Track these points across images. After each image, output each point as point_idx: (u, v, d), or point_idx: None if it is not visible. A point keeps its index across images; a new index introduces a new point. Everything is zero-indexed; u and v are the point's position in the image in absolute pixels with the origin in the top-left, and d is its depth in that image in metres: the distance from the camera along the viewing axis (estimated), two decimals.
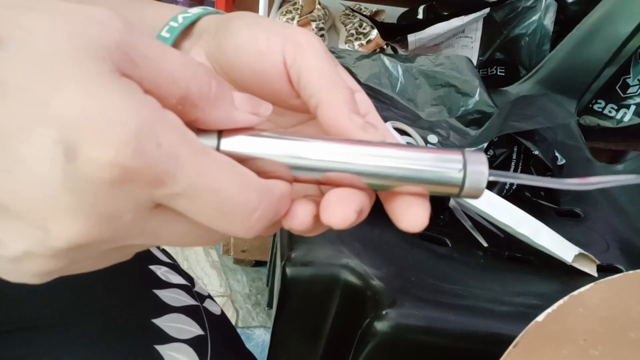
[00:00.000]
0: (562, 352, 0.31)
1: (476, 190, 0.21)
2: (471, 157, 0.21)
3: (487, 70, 1.05)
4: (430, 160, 0.21)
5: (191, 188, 0.18)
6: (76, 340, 0.39)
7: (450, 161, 0.21)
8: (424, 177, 0.21)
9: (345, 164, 0.21)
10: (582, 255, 0.54)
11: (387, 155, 0.21)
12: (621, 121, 1.08)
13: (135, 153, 0.16)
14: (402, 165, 0.21)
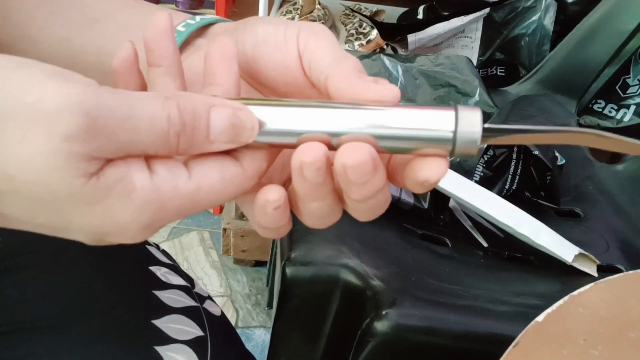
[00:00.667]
0: (562, 352, 0.31)
1: (469, 149, 0.21)
2: (464, 114, 0.21)
3: (487, 70, 1.05)
4: (421, 119, 0.21)
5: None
6: (76, 341, 0.39)
7: (441, 120, 0.21)
8: (414, 137, 0.21)
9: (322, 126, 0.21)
10: (582, 255, 0.54)
11: (375, 116, 0.21)
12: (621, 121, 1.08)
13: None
14: (390, 126, 0.21)
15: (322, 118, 0.21)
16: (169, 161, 0.21)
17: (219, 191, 0.22)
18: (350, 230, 0.55)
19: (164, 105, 0.20)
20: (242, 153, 0.23)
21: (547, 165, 0.63)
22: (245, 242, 1.20)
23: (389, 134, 0.21)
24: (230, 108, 0.21)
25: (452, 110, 0.21)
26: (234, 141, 0.22)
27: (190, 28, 0.29)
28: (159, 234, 1.37)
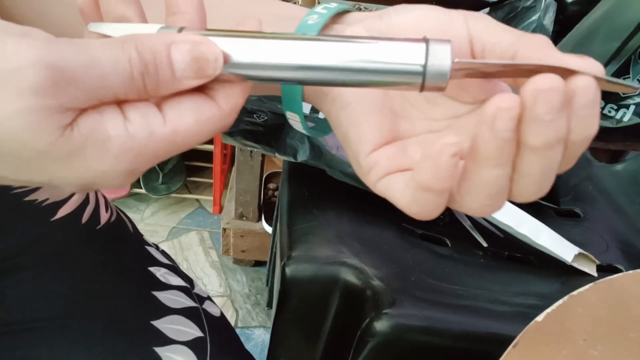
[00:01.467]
0: (562, 352, 0.31)
1: (439, 83, 0.20)
2: (435, 47, 0.20)
3: None
4: (391, 53, 0.20)
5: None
6: (76, 342, 0.39)
7: (411, 53, 0.20)
8: (383, 70, 0.20)
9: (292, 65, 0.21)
10: (581, 255, 0.54)
11: (343, 49, 0.21)
12: (621, 121, 1.08)
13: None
14: (359, 59, 0.20)
15: (290, 50, 0.21)
16: (143, 106, 0.21)
17: (196, 132, 0.22)
18: (350, 230, 0.55)
19: (123, 48, 0.20)
20: (216, 90, 0.22)
21: None
22: (245, 242, 1.20)
23: (357, 67, 0.21)
24: (190, 42, 0.21)
25: (422, 43, 0.20)
26: (200, 75, 0.21)
27: (331, 12, 0.27)
28: (158, 234, 1.37)
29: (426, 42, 0.20)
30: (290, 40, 0.21)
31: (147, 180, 1.39)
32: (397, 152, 0.25)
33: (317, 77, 0.21)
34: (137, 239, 0.48)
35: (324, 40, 0.21)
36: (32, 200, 0.40)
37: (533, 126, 0.20)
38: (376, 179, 0.25)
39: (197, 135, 0.22)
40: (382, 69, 0.21)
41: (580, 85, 0.20)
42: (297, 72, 0.21)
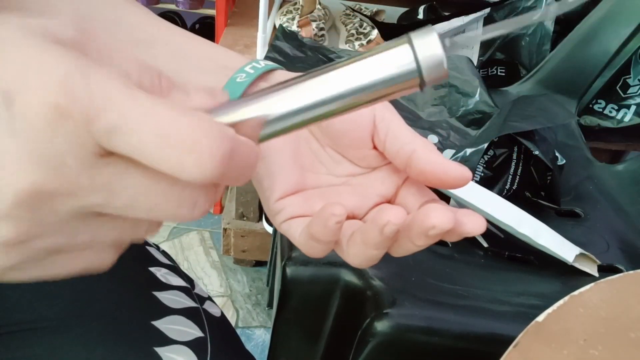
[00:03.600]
0: (562, 352, 0.31)
1: (438, 74, 0.20)
2: (419, 42, 0.20)
3: (488, 70, 1.05)
4: (381, 65, 0.20)
5: (124, 120, 0.17)
6: (76, 342, 0.39)
7: (399, 56, 0.20)
8: (380, 84, 0.20)
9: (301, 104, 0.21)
10: (582, 255, 0.54)
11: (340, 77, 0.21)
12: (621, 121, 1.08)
13: (65, 90, 0.17)
14: (355, 81, 0.20)
15: (291, 97, 0.21)
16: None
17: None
18: None
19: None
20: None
21: (547, 166, 0.63)
22: (246, 242, 1.20)
23: (356, 89, 0.21)
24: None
25: (405, 43, 0.20)
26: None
27: (258, 72, 0.30)
28: (159, 234, 1.37)
29: (409, 40, 0.20)
30: (288, 89, 0.21)
31: None
32: (300, 201, 0.30)
33: (327, 109, 0.21)
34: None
35: (318, 74, 0.21)
36: None
37: (422, 240, 0.27)
38: (280, 221, 0.30)
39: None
40: (381, 83, 0.20)
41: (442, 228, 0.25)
42: (310, 113, 0.21)
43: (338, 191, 0.31)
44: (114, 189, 0.18)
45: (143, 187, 0.18)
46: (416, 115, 0.76)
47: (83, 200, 0.18)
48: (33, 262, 0.19)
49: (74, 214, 0.18)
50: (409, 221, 0.26)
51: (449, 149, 0.69)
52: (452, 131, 0.74)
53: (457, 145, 0.72)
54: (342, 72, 0.21)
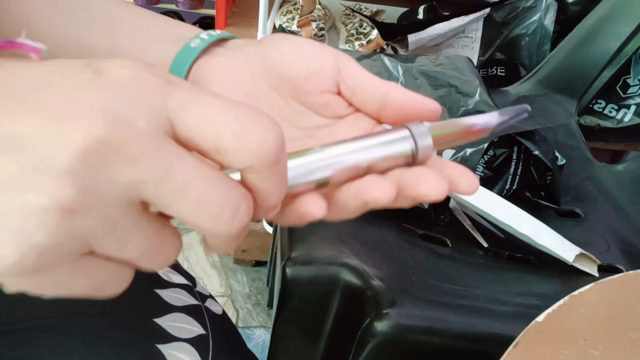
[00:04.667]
0: (562, 352, 0.31)
1: (426, 157, 0.25)
2: (417, 132, 0.25)
3: (488, 70, 1.05)
4: (387, 146, 0.25)
5: (197, 100, 0.19)
6: (78, 339, 0.39)
7: (402, 141, 0.25)
8: (388, 158, 0.25)
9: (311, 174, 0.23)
10: (583, 255, 0.54)
11: (354, 150, 0.24)
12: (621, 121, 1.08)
13: (150, 68, 0.19)
14: (366, 157, 0.24)
15: (307, 168, 0.24)
16: None
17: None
18: (351, 230, 0.55)
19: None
20: None
21: (547, 166, 0.63)
22: (246, 242, 1.20)
23: (367, 164, 0.25)
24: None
25: (407, 133, 0.25)
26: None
27: (212, 38, 0.31)
28: None
29: (410, 131, 0.25)
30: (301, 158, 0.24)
31: None
32: None
33: (334, 178, 0.24)
34: None
35: (339, 148, 0.24)
36: None
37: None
38: None
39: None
40: (388, 157, 0.25)
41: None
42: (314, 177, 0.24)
43: (302, 145, 0.29)
44: (171, 168, 0.18)
45: (197, 173, 0.19)
46: None
47: (141, 172, 0.18)
48: (64, 255, 0.18)
49: (125, 195, 0.18)
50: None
51: (449, 149, 0.69)
52: None
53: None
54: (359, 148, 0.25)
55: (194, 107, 0.19)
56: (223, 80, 0.30)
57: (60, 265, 0.18)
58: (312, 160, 0.23)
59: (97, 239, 0.18)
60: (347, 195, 0.24)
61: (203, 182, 0.19)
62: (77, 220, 0.17)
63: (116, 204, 0.18)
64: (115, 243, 0.18)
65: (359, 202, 0.24)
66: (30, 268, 0.17)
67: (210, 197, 0.19)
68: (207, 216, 0.19)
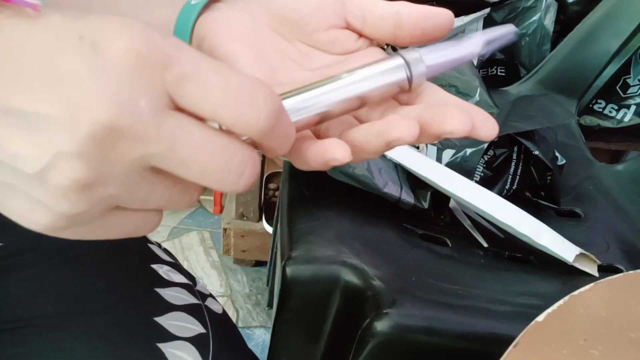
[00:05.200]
0: (562, 352, 0.31)
1: (420, 81, 0.27)
2: (410, 58, 0.26)
3: (488, 70, 1.05)
4: (382, 75, 0.26)
5: (196, 70, 0.20)
6: (79, 338, 0.39)
7: (396, 69, 0.26)
8: (382, 89, 0.26)
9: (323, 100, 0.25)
10: (583, 255, 0.54)
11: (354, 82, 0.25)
12: (621, 121, 1.08)
13: (148, 41, 0.19)
14: (363, 87, 0.25)
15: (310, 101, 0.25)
16: None
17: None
18: (351, 230, 0.55)
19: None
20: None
21: (547, 165, 0.63)
22: (246, 242, 1.20)
23: (364, 93, 0.26)
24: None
25: (400, 60, 0.26)
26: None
27: None
28: (159, 234, 1.37)
29: (403, 58, 0.26)
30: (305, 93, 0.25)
31: None
32: None
33: (339, 111, 0.25)
34: (140, 237, 0.49)
35: (336, 80, 0.25)
36: None
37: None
38: None
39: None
40: (382, 88, 0.26)
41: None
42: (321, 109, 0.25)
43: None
44: (176, 140, 0.19)
45: (201, 144, 0.20)
46: None
47: (147, 147, 0.19)
48: (91, 215, 0.20)
49: (136, 165, 0.20)
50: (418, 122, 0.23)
51: (449, 149, 0.69)
52: None
53: (457, 145, 0.72)
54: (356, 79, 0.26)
55: (190, 83, 0.20)
56: (228, 32, 0.29)
57: (90, 222, 0.21)
58: (312, 95, 0.24)
59: (119, 200, 0.20)
60: (370, 135, 0.24)
61: (207, 152, 0.20)
62: (95, 191, 0.19)
63: (129, 174, 0.20)
64: (137, 201, 0.21)
65: (381, 142, 0.23)
66: (62, 227, 0.20)
67: (214, 165, 0.20)
68: (214, 180, 0.20)
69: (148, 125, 0.19)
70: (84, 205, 0.19)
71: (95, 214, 0.20)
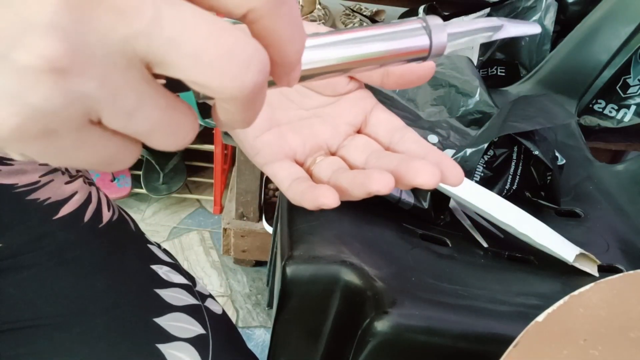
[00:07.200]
0: (562, 352, 0.31)
1: (441, 50, 0.26)
2: (432, 25, 0.25)
3: (488, 70, 1.05)
4: (402, 38, 0.25)
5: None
6: (78, 339, 0.39)
7: (416, 34, 0.25)
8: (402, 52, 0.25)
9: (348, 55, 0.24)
10: (583, 255, 0.54)
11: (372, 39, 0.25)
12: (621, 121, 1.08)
13: None
14: (382, 47, 0.25)
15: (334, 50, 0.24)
16: None
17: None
18: (351, 230, 0.55)
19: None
20: None
21: (547, 166, 0.63)
22: (246, 242, 1.20)
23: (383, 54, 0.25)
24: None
25: (421, 24, 0.26)
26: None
27: None
28: (159, 234, 1.37)
29: (425, 23, 0.25)
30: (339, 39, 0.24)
31: (148, 180, 1.39)
32: (275, 139, 0.32)
33: (355, 66, 0.25)
34: (140, 238, 0.49)
35: (359, 34, 0.25)
36: (35, 199, 0.40)
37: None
38: (262, 163, 0.32)
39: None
40: (400, 54, 0.25)
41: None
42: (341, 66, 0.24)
43: (310, 124, 0.33)
44: (162, 14, 0.16)
45: (192, 20, 0.16)
46: (416, 115, 0.76)
47: (130, 23, 0.16)
48: (67, 120, 0.16)
49: (120, 53, 0.16)
50: (394, 173, 0.27)
51: (449, 149, 0.69)
52: (452, 131, 0.74)
53: (457, 145, 0.72)
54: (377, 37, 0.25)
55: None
56: None
57: (64, 132, 0.17)
58: (334, 40, 0.24)
59: (100, 105, 0.17)
60: (354, 185, 0.27)
61: (200, 32, 0.16)
62: (72, 81, 0.16)
63: (112, 64, 0.16)
64: (121, 112, 0.17)
65: (363, 191, 0.27)
66: (33, 132, 0.16)
67: (211, 48, 0.16)
68: (211, 70, 0.16)
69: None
70: (58, 98, 0.16)
71: (71, 121, 0.16)
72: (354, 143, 0.32)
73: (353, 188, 0.27)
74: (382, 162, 0.29)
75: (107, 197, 0.47)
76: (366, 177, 0.26)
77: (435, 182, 0.26)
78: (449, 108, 0.77)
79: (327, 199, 0.26)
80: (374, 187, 0.26)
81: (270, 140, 0.32)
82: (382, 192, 0.26)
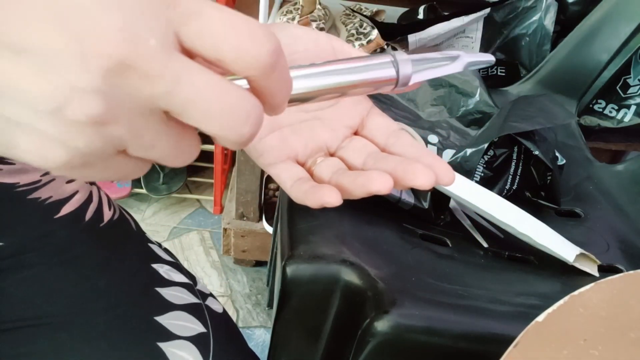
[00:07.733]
0: (562, 352, 0.31)
1: (406, 79, 0.30)
2: (401, 61, 0.29)
3: (488, 70, 1.05)
4: (373, 70, 0.29)
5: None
6: (79, 338, 0.39)
7: (385, 67, 0.29)
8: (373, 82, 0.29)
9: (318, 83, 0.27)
10: (583, 255, 0.54)
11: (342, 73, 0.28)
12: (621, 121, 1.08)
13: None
14: (356, 78, 0.28)
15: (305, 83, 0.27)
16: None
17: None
18: (351, 230, 0.55)
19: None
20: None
21: (547, 166, 0.63)
22: (246, 242, 1.20)
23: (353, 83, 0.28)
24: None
25: (389, 59, 0.29)
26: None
27: None
28: (159, 234, 1.37)
29: (394, 58, 0.29)
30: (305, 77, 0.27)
31: (148, 180, 1.39)
32: (278, 142, 0.34)
33: (323, 93, 0.28)
34: (140, 237, 0.49)
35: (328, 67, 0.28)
36: (36, 198, 0.40)
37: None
38: (266, 164, 0.34)
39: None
40: (371, 83, 0.29)
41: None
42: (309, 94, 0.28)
43: (310, 126, 0.35)
44: (182, 79, 0.20)
45: (206, 84, 0.20)
46: (416, 115, 0.76)
47: (155, 86, 0.19)
48: (101, 156, 0.21)
49: (145, 106, 0.20)
50: (392, 175, 0.29)
51: (449, 149, 0.69)
52: (452, 131, 0.74)
53: (457, 145, 0.72)
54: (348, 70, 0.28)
55: (195, 21, 0.20)
56: None
57: (98, 162, 0.21)
58: (308, 73, 0.27)
59: (128, 144, 0.21)
60: (355, 184, 0.29)
61: (211, 94, 0.20)
62: (108, 130, 0.20)
63: (139, 114, 0.20)
64: (143, 147, 0.21)
65: (364, 191, 0.29)
66: (75, 166, 0.21)
67: (219, 106, 0.20)
68: (218, 124, 0.21)
69: (156, 63, 0.19)
70: (98, 143, 0.20)
71: (104, 155, 0.21)
72: (352, 145, 0.34)
73: (354, 188, 0.29)
74: (380, 164, 0.31)
75: (108, 196, 0.47)
76: (367, 178, 0.28)
77: (431, 183, 0.29)
78: (449, 108, 0.77)
79: (331, 198, 0.28)
80: (374, 187, 0.28)
81: (273, 143, 0.34)
82: (382, 192, 0.28)
